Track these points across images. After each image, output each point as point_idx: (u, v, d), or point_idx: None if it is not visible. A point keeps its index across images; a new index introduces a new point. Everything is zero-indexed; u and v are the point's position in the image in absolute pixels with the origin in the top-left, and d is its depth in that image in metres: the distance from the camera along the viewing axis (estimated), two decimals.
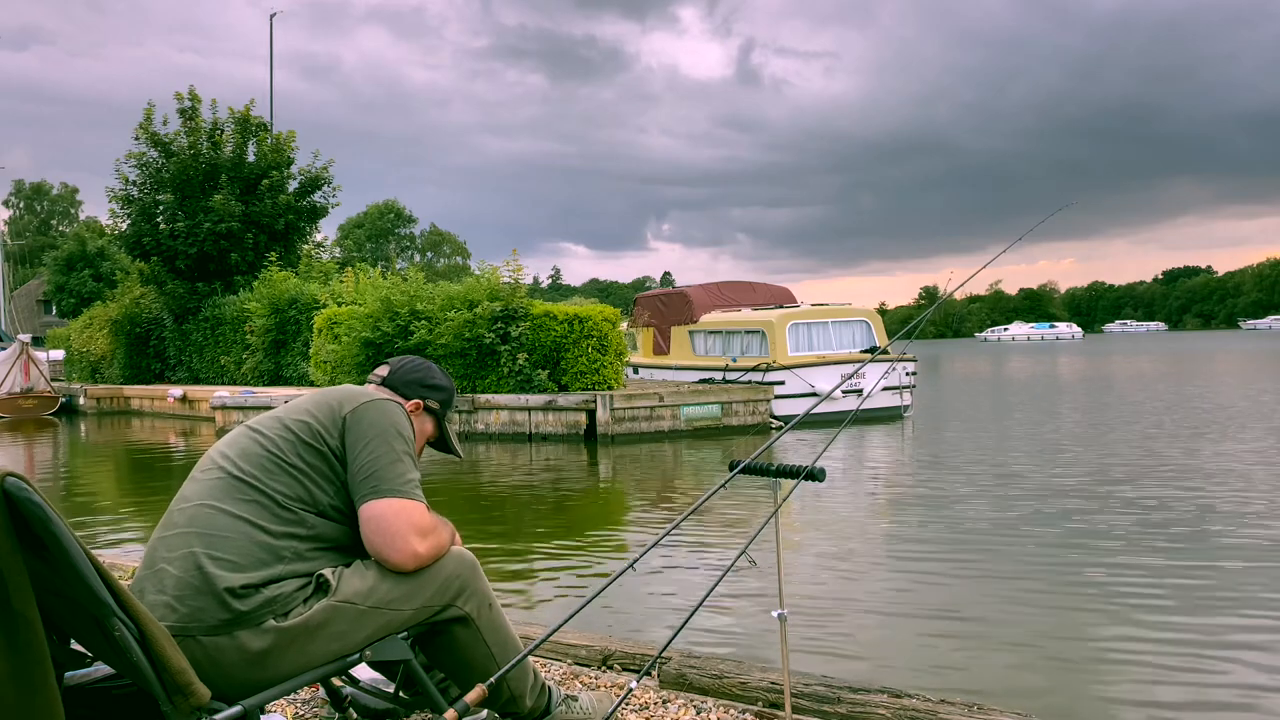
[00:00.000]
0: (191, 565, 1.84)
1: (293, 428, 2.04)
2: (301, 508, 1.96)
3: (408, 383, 2.33)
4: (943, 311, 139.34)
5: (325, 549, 1.98)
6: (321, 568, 1.96)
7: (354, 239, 75.58)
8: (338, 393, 2.16)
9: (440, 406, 2.38)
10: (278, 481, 1.95)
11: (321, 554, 1.97)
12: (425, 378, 2.38)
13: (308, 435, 2.02)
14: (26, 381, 24.30)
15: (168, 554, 1.89)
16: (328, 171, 24.60)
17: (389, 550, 1.96)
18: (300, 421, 2.06)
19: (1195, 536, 7.03)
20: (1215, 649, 4.63)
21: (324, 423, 2.05)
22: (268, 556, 1.89)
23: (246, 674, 1.83)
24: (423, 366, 2.40)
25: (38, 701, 1.56)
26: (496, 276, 17.02)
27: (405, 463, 2.04)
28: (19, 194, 78.70)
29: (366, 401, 2.10)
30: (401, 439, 2.07)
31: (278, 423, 2.08)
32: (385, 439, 2.03)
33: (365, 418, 2.06)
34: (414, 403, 2.30)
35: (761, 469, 2.48)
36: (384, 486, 1.98)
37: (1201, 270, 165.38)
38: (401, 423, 2.10)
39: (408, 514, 1.99)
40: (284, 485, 1.95)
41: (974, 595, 5.71)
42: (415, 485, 2.04)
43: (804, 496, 8.97)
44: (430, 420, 2.37)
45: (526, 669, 2.24)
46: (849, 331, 18.72)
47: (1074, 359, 48.58)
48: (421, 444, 2.33)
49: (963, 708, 2.71)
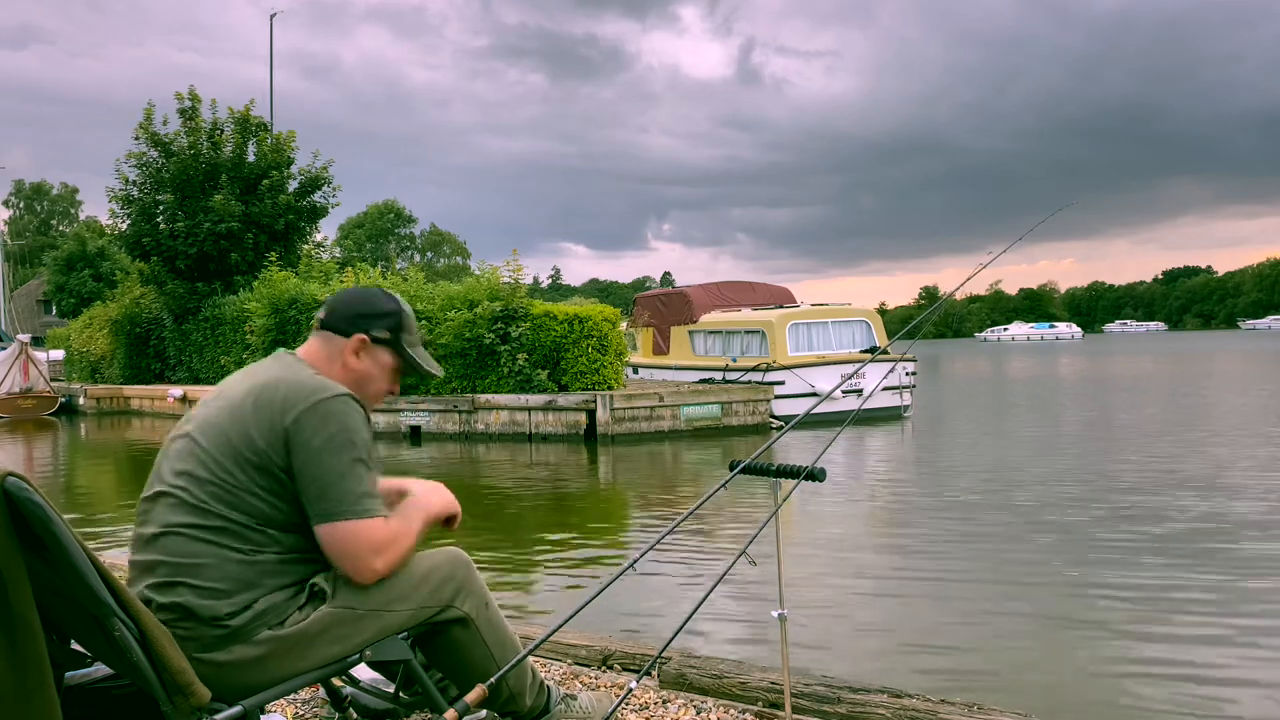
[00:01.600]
0: (177, 600, 1.81)
1: (238, 446, 1.87)
2: (270, 527, 1.89)
3: (347, 318, 2.09)
4: (943, 311, 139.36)
5: (305, 557, 1.93)
6: (306, 574, 1.93)
7: (354, 239, 75.59)
8: (275, 389, 1.92)
9: (391, 333, 2.12)
10: (239, 511, 1.86)
11: (303, 562, 1.93)
12: (365, 307, 2.12)
13: (253, 455, 1.86)
14: (26, 381, 24.31)
15: (149, 587, 1.85)
16: (328, 171, 24.61)
17: (349, 572, 1.91)
18: (244, 435, 1.87)
19: (1196, 537, 7.03)
20: (1215, 649, 4.63)
21: (267, 438, 1.87)
22: (251, 575, 1.85)
23: (245, 678, 1.83)
24: (362, 295, 2.16)
25: (36, 702, 1.56)
26: (496, 276, 17.03)
27: (353, 475, 1.87)
28: (19, 194, 78.74)
29: (307, 408, 1.88)
30: (350, 445, 1.88)
31: (223, 439, 1.88)
32: (331, 450, 1.86)
33: (307, 427, 1.87)
34: (356, 339, 2.08)
35: (761, 469, 2.48)
36: (334, 509, 1.86)
37: (1201, 270, 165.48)
38: (349, 424, 1.90)
39: (360, 536, 1.87)
40: (247, 511, 1.86)
41: (974, 595, 5.71)
42: (365, 499, 1.88)
43: (804, 496, 8.97)
44: (384, 351, 2.12)
45: (526, 669, 2.24)
46: (849, 331, 18.73)
47: (1074, 359, 48.58)
48: (385, 381, 2.13)
49: (963, 708, 2.71)
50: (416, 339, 2.18)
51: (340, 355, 2.08)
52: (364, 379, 2.09)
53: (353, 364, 2.08)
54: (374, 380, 2.11)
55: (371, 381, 2.11)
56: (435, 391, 16.59)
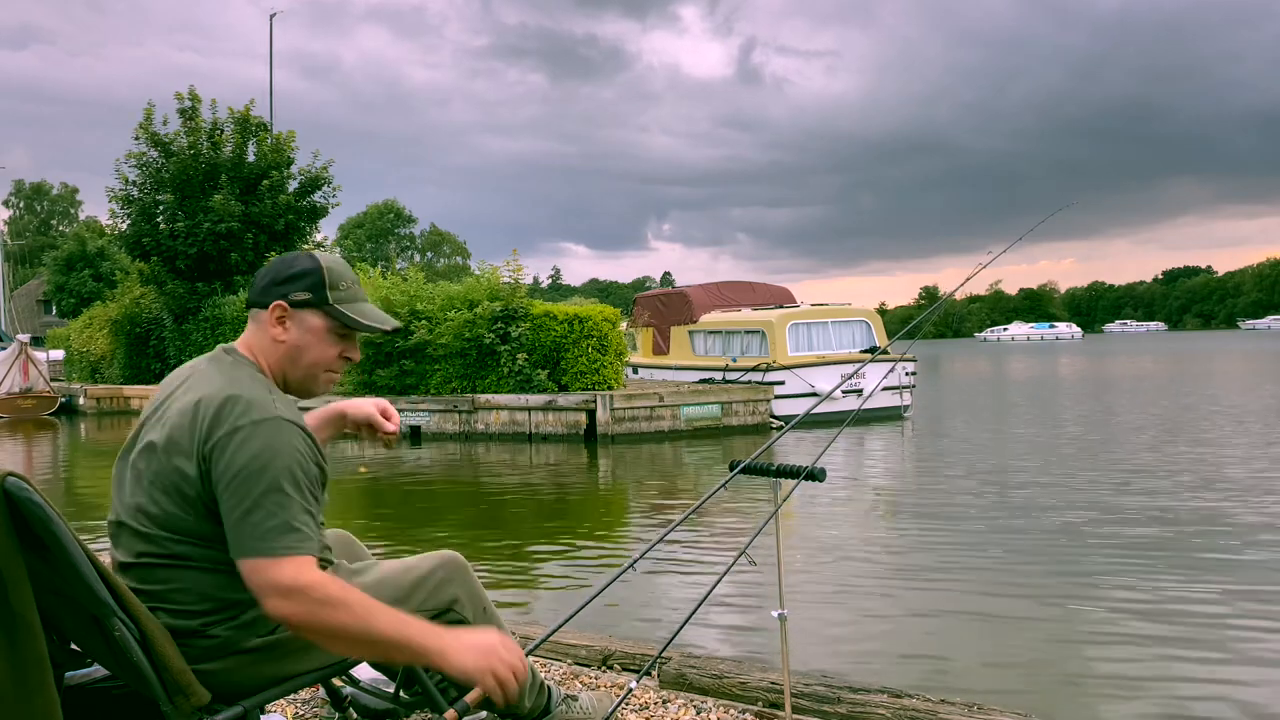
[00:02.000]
0: (161, 622, 1.75)
1: (176, 481, 1.75)
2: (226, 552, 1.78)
3: (262, 289, 1.91)
4: (943, 312, 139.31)
5: None
6: None
7: (354, 239, 75.59)
8: (201, 411, 1.75)
9: (312, 294, 1.89)
10: (198, 538, 1.77)
11: None
12: (279, 273, 1.91)
13: (189, 488, 1.74)
14: (25, 381, 24.30)
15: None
16: (328, 171, 24.60)
17: (267, 607, 1.69)
18: (178, 470, 1.74)
19: (1198, 538, 7.03)
20: (1216, 651, 4.63)
21: (196, 469, 1.73)
22: (230, 591, 1.79)
23: (243, 681, 1.83)
24: (277, 262, 1.95)
25: (37, 702, 1.56)
26: (496, 276, 17.04)
27: (264, 507, 1.68)
28: (19, 194, 78.73)
29: (223, 435, 1.71)
30: (263, 472, 1.69)
31: (162, 472, 1.76)
32: (241, 481, 1.69)
33: (222, 458, 1.70)
34: (274, 306, 1.88)
35: (761, 469, 2.48)
36: (241, 544, 1.68)
37: (1201, 270, 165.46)
38: (267, 449, 1.71)
39: (259, 574, 1.66)
40: (206, 536, 1.76)
41: (974, 595, 5.71)
42: (274, 534, 1.67)
43: (804, 496, 8.97)
44: (310, 314, 1.89)
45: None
46: (849, 331, 18.73)
47: (1074, 359, 48.58)
48: (324, 347, 1.92)
49: (963, 708, 2.71)
50: (351, 293, 1.94)
51: (265, 333, 1.91)
52: (297, 351, 1.90)
53: (279, 335, 1.89)
54: (309, 349, 1.91)
55: (306, 351, 1.90)
56: (435, 392, 16.60)
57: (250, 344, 1.92)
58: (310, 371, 1.93)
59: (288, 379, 1.94)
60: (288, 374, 1.93)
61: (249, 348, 1.92)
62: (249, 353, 1.91)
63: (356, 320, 1.93)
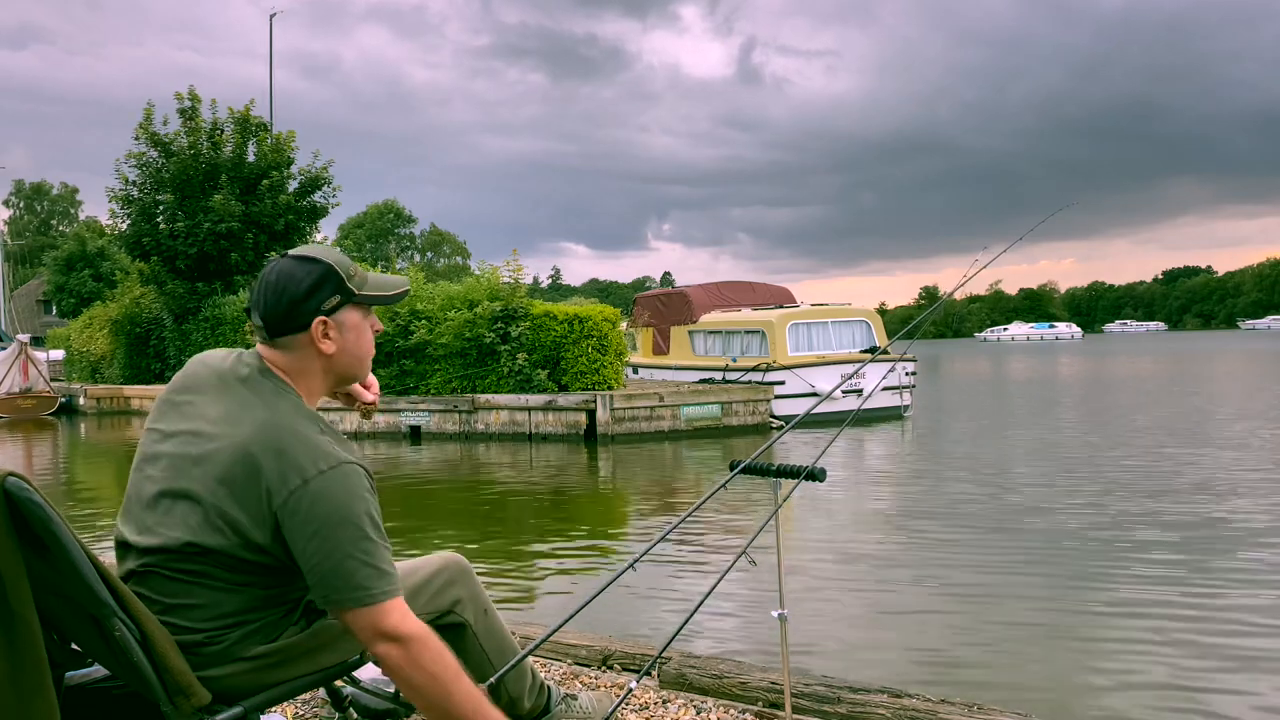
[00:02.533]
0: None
1: (220, 524, 1.70)
2: (256, 571, 1.77)
3: (288, 314, 1.82)
4: (943, 311, 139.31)
5: (297, 580, 1.82)
6: (300, 594, 1.87)
7: (354, 239, 75.54)
8: (254, 459, 1.70)
9: (341, 294, 1.84)
10: (225, 561, 1.73)
11: (296, 585, 1.84)
12: (295, 290, 1.82)
13: (237, 534, 1.70)
14: (25, 381, 24.31)
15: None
16: (328, 171, 24.61)
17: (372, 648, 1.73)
18: (226, 514, 1.70)
19: (1198, 539, 7.03)
20: (1216, 651, 4.63)
21: (254, 519, 1.69)
22: (241, 605, 1.79)
23: (244, 684, 1.83)
24: (285, 280, 1.83)
25: (36, 703, 1.56)
26: (496, 276, 17.04)
27: (354, 557, 1.67)
28: (19, 194, 78.72)
29: (298, 490, 1.68)
30: (346, 522, 1.68)
31: (201, 512, 1.71)
32: (329, 533, 1.67)
33: (299, 511, 1.68)
34: (317, 325, 1.82)
35: (761, 469, 2.47)
36: (340, 594, 1.68)
37: (1201, 270, 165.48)
38: (352, 500, 1.70)
39: (368, 621, 1.69)
40: (231, 563, 1.74)
41: (974, 596, 5.71)
42: (372, 582, 1.67)
43: (804, 496, 8.97)
44: (347, 312, 1.86)
45: (525, 671, 2.24)
46: (849, 331, 18.73)
47: (1074, 359, 48.58)
48: (366, 334, 1.91)
49: (963, 708, 2.71)
50: (361, 275, 1.91)
51: (312, 351, 1.84)
52: (346, 353, 1.87)
53: (329, 349, 1.84)
54: (356, 345, 1.89)
55: (354, 348, 1.89)
56: (435, 391, 16.59)
57: (284, 366, 1.85)
58: (362, 362, 1.93)
59: (340, 379, 1.92)
60: (342, 375, 1.91)
61: (283, 372, 1.84)
62: (282, 375, 1.84)
63: (386, 296, 1.93)
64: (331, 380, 1.92)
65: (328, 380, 1.91)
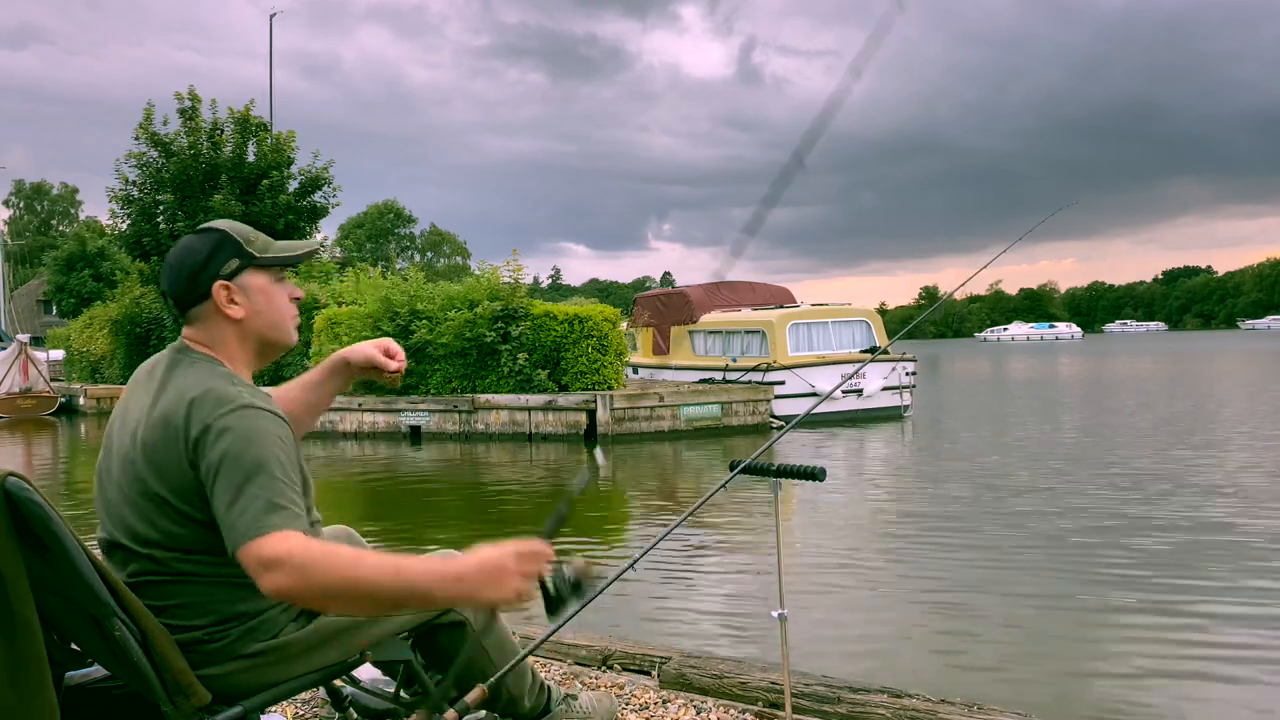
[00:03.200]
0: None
1: (163, 495, 1.73)
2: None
3: (189, 284, 1.84)
4: (943, 311, 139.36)
5: None
6: None
7: (354, 239, 75.57)
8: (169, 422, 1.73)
9: (240, 258, 1.86)
10: (198, 553, 1.75)
11: None
12: (194, 261, 1.84)
13: (179, 501, 1.72)
14: (25, 381, 24.31)
15: None
16: (328, 172, 24.63)
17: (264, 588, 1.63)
18: (161, 484, 1.73)
19: (1199, 539, 7.03)
20: (1215, 650, 4.63)
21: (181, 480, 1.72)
22: (235, 598, 1.79)
23: (244, 684, 1.83)
24: (184, 253, 1.86)
25: (36, 703, 1.56)
26: (496, 276, 17.05)
27: (247, 494, 1.64)
28: (19, 194, 78.75)
29: (199, 436, 1.69)
30: (242, 461, 1.66)
31: (145, 492, 1.75)
32: (225, 473, 1.66)
33: (204, 457, 1.69)
34: (218, 289, 1.83)
35: (761, 469, 2.47)
36: (233, 536, 1.63)
37: (1201, 270, 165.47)
38: (245, 439, 1.68)
39: (249, 556, 1.60)
40: (205, 549, 1.74)
41: (974, 595, 5.71)
42: (260, 516, 1.61)
43: (804, 496, 8.97)
44: (250, 275, 1.86)
45: (525, 670, 2.24)
46: (849, 331, 18.73)
47: (1074, 359, 48.58)
48: (279, 299, 1.91)
49: (963, 708, 2.71)
50: (263, 241, 1.91)
51: (220, 318, 1.85)
52: (258, 316, 1.88)
53: (236, 313, 1.85)
54: (267, 308, 1.89)
55: (266, 310, 1.88)
56: (435, 392, 16.60)
57: (200, 340, 1.87)
58: (278, 325, 1.92)
59: (262, 344, 1.91)
60: (261, 340, 1.90)
61: (200, 345, 1.87)
62: (203, 349, 1.87)
63: (288, 257, 1.93)
64: (252, 346, 1.90)
65: (246, 347, 1.89)
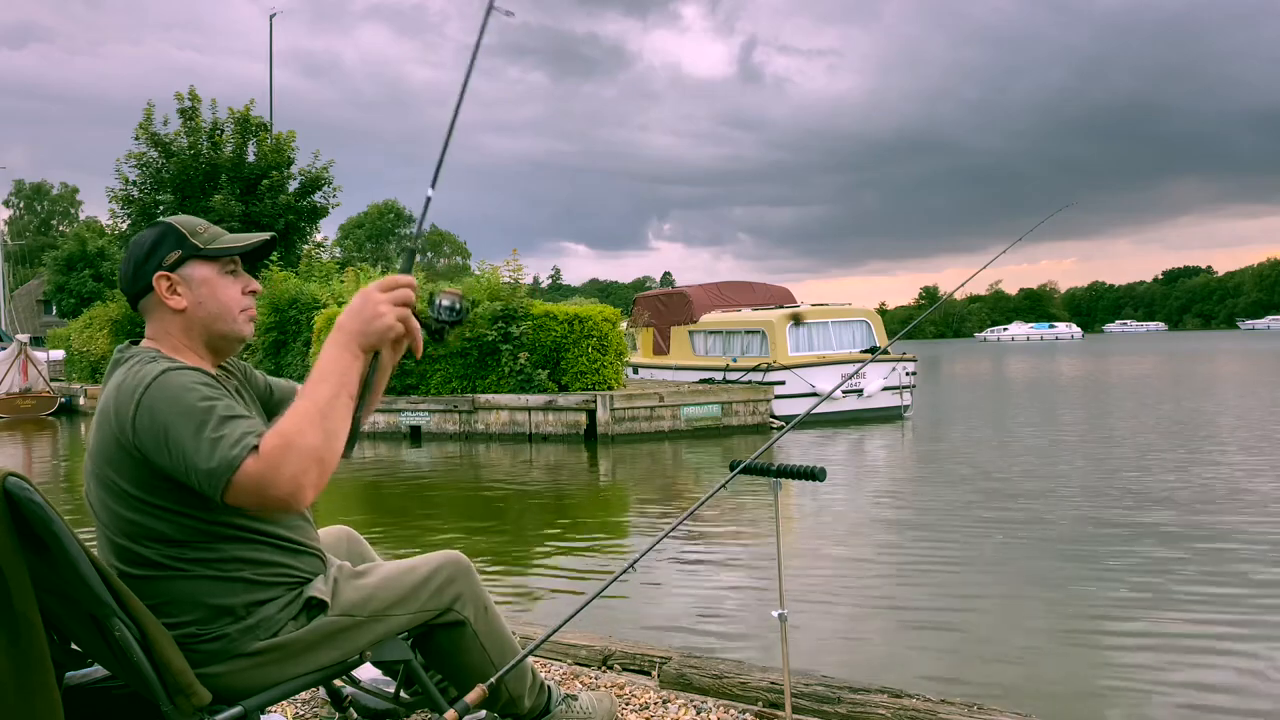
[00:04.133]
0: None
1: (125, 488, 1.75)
2: (212, 541, 1.79)
3: (133, 278, 1.86)
4: (943, 311, 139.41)
5: (266, 552, 1.85)
6: (281, 569, 1.87)
7: (354, 239, 75.58)
8: (107, 414, 1.75)
9: (182, 249, 1.85)
10: (175, 546, 1.77)
11: (270, 563, 1.86)
12: (138, 255, 1.86)
13: (138, 490, 1.74)
14: (25, 382, 24.31)
15: None
16: (328, 172, 24.65)
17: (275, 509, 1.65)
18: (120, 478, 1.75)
19: (1199, 540, 7.03)
20: (1215, 650, 4.63)
21: (133, 468, 1.72)
22: (223, 592, 1.79)
23: (245, 683, 1.83)
24: (132, 249, 1.89)
25: (38, 703, 1.56)
26: (497, 276, 17.05)
27: (195, 442, 1.62)
28: (19, 194, 78.78)
29: (134, 417, 1.69)
30: (177, 419, 1.65)
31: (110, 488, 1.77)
32: (170, 437, 1.65)
33: (147, 435, 1.67)
34: (157, 280, 1.84)
35: (762, 469, 2.47)
36: (207, 486, 1.62)
37: (1201, 270, 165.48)
38: (170, 397, 1.67)
39: (241, 492, 1.59)
40: (180, 541, 1.77)
41: (974, 595, 5.71)
42: (219, 459, 1.59)
43: (804, 496, 8.98)
44: (194, 266, 1.86)
45: (525, 670, 2.24)
46: (849, 331, 18.74)
47: (1074, 359, 48.58)
48: (225, 291, 1.89)
49: (963, 708, 2.71)
50: (212, 233, 1.90)
51: (164, 310, 1.86)
52: (201, 307, 1.87)
53: (178, 304, 1.85)
54: (211, 298, 1.88)
55: (210, 300, 1.87)
56: (435, 392, 16.60)
57: (150, 335, 1.90)
58: (226, 316, 1.90)
59: (210, 336, 1.90)
60: (208, 332, 1.90)
61: (149, 339, 1.90)
62: (149, 343, 1.88)
63: (233, 247, 1.90)
64: (198, 338, 1.90)
65: (192, 338, 1.89)
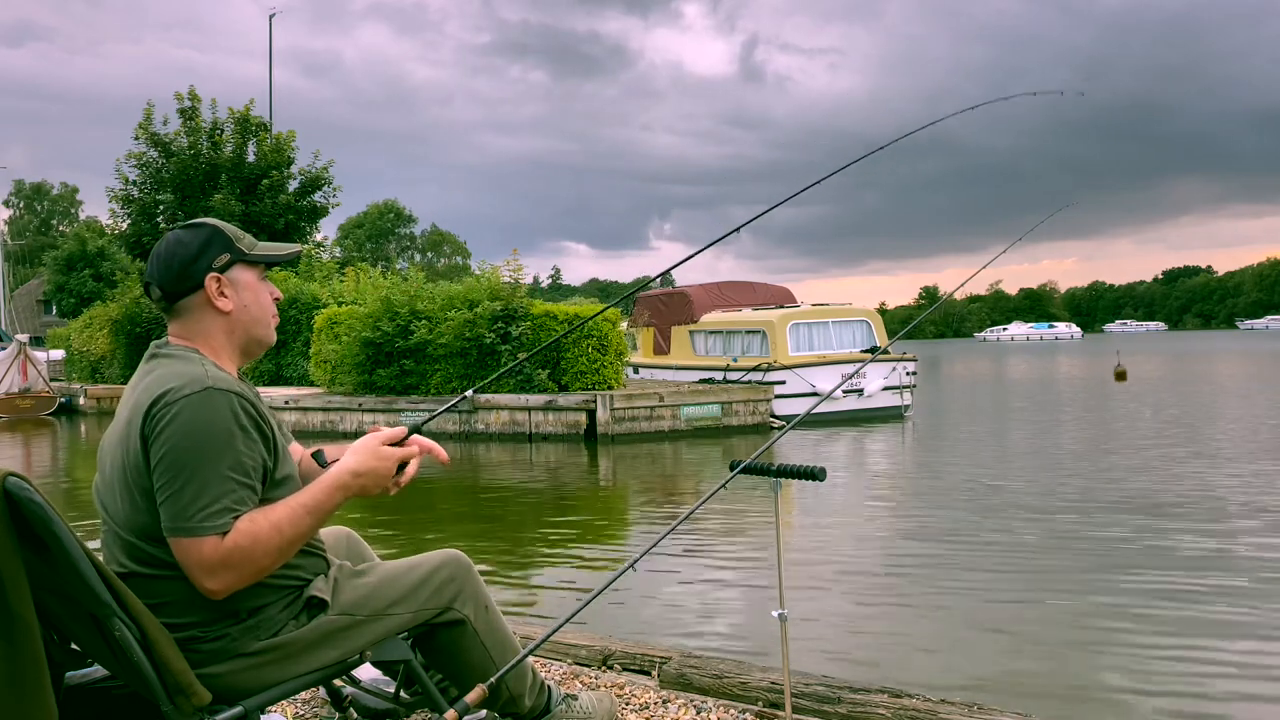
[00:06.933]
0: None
1: (137, 497, 1.76)
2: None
3: (179, 275, 1.87)
4: (943, 311, 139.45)
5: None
6: (287, 574, 1.87)
7: (354, 239, 75.55)
8: (134, 415, 1.76)
9: (230, 253, 1.89)
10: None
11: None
12: (185, 253, 1.87)
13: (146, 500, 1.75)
14: (24, 381, 24.31)
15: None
16: (328, 172, 24.66)
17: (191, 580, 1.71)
18: (132, 486, 1.76)
19: (1200, 540, 7.03)
20: (1215, 650, 4.63)
21: (143, 476, 1.73)
22: (230, 597, 1.78)
23: (245, 683, 1.83)
24: (174, 245, 1.89)
25: (34, 703, 1.56)
26: (497, 276, 17.05)
27: (191, 488, 1.66)
28: (19, 194, 78.78)
29: (156, 418, 1.71)
30: (192, 448, 1.68)
31: (123, 493, 1.78)
32: (173, 457, 1.68)
33: (158, 435, 1.70)
34: (209, 281, 1.87)
35: (762, 469, 2.47)
36: (169, 525, 1.68)
37: (1201, 270, 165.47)
38: (199, 422, 1.69)
39: (189, 555, 1.67)
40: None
41: (974, 596, 5.71)
42: (199, 515, 1.65)
43: (804, 496, 8.98)
44: (239, 270, 1.91)
45: (526, 669, 2.24)
46: (849, 331, 18.74)
47: (1073, 359, 48.57)
48: (264, 296, 1.95)
49: (963, 708, 2.70)
50: (251, 240, 1.96)
51: (210, 310, 1.89)
52: (245, 310, 1.92)
53: (225, 306, 1.89)
54: (253, 303, 1.93)
55: (252, 305, 1.93)
56: (435, 392, 16.60)
57: (184, 334, 1.90)
58: (262, 321, 1.95)
59: (248, 340, 1.94)
60: (247, 335, 1.93)
61: (183, 339, 1.90)
62: (184, 342, 1.89)
63: (274, 255, 1.98)
64: (237, 341, 1.93)
65: (233, 341, 1.93)
